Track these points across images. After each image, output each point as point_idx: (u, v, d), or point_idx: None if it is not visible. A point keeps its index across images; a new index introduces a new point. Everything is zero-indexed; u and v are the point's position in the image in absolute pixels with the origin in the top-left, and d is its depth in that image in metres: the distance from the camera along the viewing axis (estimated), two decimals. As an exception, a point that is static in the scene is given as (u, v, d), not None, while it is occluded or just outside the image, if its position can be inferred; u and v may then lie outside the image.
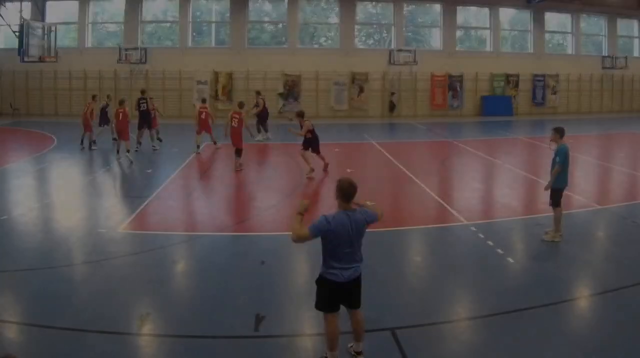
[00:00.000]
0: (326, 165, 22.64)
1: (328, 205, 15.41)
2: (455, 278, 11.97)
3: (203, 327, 9.59)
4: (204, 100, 30.42)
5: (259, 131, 31.95)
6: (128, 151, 25.84)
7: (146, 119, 28.64)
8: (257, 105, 32.66)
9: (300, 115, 22.81)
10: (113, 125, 26.78)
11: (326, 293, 8.15)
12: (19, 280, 11.59)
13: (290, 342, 9.26)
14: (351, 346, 8.62)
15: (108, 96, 32.36)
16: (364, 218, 8.13)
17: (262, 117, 32.30)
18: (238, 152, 23.14)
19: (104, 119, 29.91)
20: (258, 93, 33.58)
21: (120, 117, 25.79)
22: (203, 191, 20.58)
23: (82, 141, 28.22)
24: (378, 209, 8.50)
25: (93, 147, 27.90)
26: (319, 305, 8.30)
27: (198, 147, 28.09)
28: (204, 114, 28.09)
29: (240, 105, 24.48)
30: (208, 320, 9.84)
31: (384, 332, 9.32)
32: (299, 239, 8.05)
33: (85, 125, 27.86)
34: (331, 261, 8.02)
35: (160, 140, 29.13)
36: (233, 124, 23.43)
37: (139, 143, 28.47)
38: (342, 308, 8.28)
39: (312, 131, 22.20)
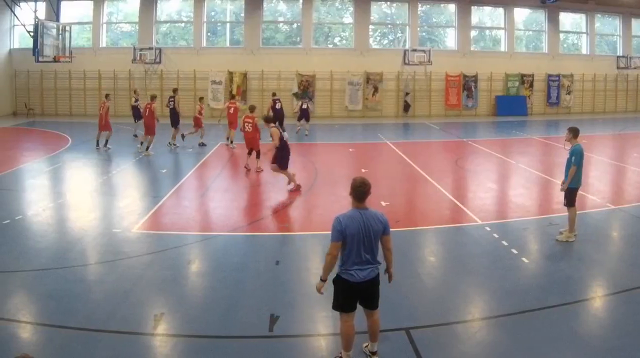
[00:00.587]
0: (297, 187, 19.96)
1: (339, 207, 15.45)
2: (470, 278, 12.01)
3: (217, 327, 9.65)
4: (232, 96, 30.88)
5: None
6: (148, 148, 26.50)
7: (173, 117, 29.23)
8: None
9: (268, 120, 20.48)
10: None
11: (342, 293, 8.14)
12: (33, 280, 11.67)
13: (305, 342, 9.31)
14: (366, 346, 8.65)
15: (135, 91, 33.33)
16: (380, 222, 8.07)
17: (278, 118, 32.35)
18: (257, 154, 22.89)
19: (136, 114, 31.74)
20: (274, 94, 33.62)
21: (147, 113, 26.51)
22: (217, 191, 20.44)
23: (97, 142, 28.45)
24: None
25: (108, 146, 28.15)
26: (335, 305, 8.29)
27: (231, 142, 28.66)
28: (232, 109, 28.42)
29: (252, 109, 23.91)
30: (222, 320, 9.89)
31: (398, 331, 9.36)
32: (333, 257, 8.03)
33: (101, 125, 28.03)
34: (347, 260, 7.98)
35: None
36: (247, 129, 22.92)
37: (182, 138, 29.39)
38: (359, 308, 8.30)
39: (281, 138, 19.63)
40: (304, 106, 33.95)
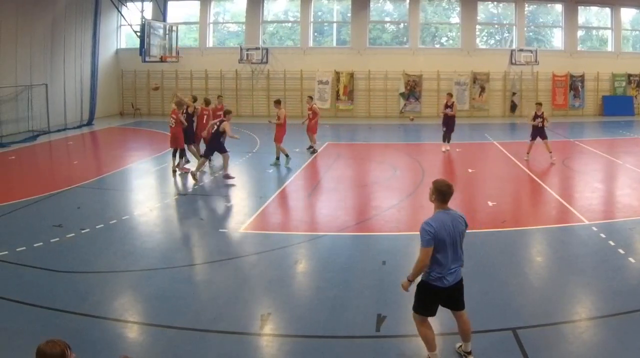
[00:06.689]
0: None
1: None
2: (576, 278, 12.01)
3: (324, 327, 9.79)
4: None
5: None
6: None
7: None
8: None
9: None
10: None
11: (429, 298, 8.24)
12: (140, 280, 12.08)
13: (412, 341, 9.21)
14: (460, 346, 8.71)
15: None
16: (463, 222, 8.25)
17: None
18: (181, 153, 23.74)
19: None
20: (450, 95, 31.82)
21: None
22: (323, 191, 20.77)
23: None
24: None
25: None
26: (419, 309, 8.36)
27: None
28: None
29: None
30: (329, 320, 10.05)
31: (505, 331, 9.42)
32: (425, 265, 8.02)
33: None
34: (436, 265, 8.01)
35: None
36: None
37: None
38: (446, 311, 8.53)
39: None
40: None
